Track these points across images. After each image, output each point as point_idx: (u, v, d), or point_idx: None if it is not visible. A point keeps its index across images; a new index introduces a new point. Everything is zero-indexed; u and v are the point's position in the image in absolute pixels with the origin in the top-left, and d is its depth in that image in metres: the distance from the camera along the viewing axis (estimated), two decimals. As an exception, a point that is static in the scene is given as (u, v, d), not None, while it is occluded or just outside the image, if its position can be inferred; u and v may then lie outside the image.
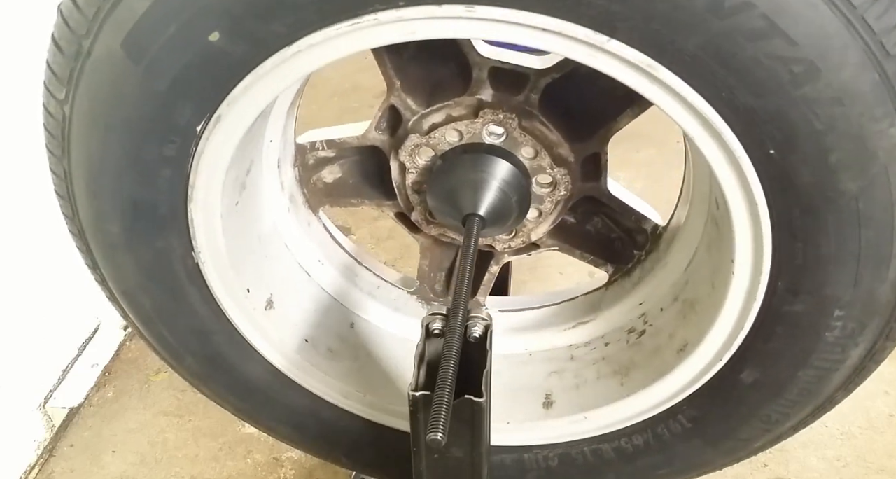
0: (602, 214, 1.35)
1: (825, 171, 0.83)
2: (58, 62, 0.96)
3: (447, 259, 1.45)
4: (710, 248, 1.14)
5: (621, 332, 1.31)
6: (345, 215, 1.76)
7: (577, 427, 1.24)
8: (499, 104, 1.16)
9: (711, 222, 1.12)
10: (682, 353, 1.13)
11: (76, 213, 1.10)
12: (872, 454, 1.90)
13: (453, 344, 0.91)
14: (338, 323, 1.37)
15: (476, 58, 1.14)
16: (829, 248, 0.90)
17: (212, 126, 0.98)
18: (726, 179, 0.91)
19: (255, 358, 1.25)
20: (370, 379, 1.32)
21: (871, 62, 0.77)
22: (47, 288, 2.03)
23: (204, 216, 1.08)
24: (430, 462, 0.94)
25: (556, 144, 1.19)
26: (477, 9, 0.83)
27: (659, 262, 1.28)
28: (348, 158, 1.35)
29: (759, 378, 1.07)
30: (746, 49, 0.77)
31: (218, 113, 0.96)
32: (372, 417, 1.32)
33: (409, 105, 1.21)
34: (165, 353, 1.26)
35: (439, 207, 1.21)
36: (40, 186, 1.21)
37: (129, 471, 2.00)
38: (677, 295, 1.22)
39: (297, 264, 1.35)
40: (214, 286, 1.16)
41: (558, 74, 1.14)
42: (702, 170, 1.13)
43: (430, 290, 1.46)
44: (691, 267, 1.21)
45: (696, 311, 1.14)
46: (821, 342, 1.00)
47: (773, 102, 0.80)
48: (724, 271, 1.03)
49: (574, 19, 0.82)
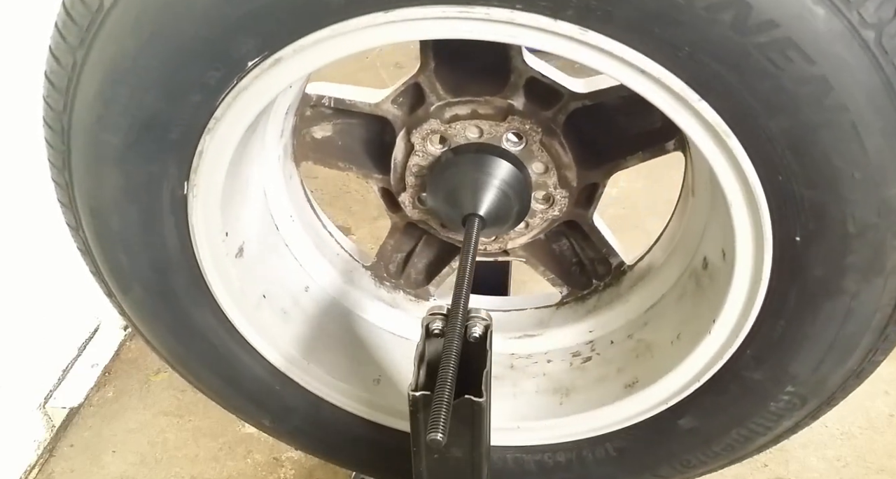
0: (573, 239, 1.40)
1: (837, 269, 0.92)
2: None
3: (410, 245, 1.45)
4: (681, 300, 1.21)
5: (566, 353, 1.36)
6: (345, 215, 1.72)
7: (509, 435, 1.28)
8: (528, 114, 1.17)
9: (692, 278, 1.19)
10: (629, 389, 1.20)
11: (69, 110, 0.99)
12: (872, 454, 1.90)
13: (453, 344, 0.92)
14: (294, 284, 1.33)
15: (519, 64, 1.15)
16: (809, 333, 0.99)
17: (266, 66, 0.91)
18: (743, 253, 0.97)
19: (208, 304, 1.18)
20: (314, 348, 1.29)
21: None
22: (47, 288, 2.02)
23: (215, 150, 1.01)
24: (430, 462, 0.94)
25: (566, 166, 1.22)
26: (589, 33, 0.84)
27: (619, 297, 1.34)
28: (347, 121, 1.31)
29: (695, 427, 1.16)
30: (817, 143, 0.84)
31: (278, 55, 0.90)
32: (307, 384, 1.29)
33: (436, 89, 1.19)
34: (113, 280, 1.16)
35: (441, 198, 1.20)
36: (41, 187, 1.17)
37: (129, 471, 2.00)
38: (632, 333, 1.29)
39: (271, 215, 1.29)
40: (195, 222, 1.08)
41: (590, 102, 1.17)
42: (696, 226, 1.20)
43: (384, 269, 1.45)
44: (653, 311, 1.28)
45: (652, 354, 1.22)
46: (763, 409, 1.10)
47: (822, 195, 0.87)
48: (699, 327, 1.10)
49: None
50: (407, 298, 1.46)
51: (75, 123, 0.99)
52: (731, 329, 1.05)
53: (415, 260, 1.46)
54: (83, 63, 0.94)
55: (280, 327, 1.26)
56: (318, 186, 2.88)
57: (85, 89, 0.96)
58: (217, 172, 1.04)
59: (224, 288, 1.17)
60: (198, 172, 1.03)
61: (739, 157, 0.87)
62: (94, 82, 0.94)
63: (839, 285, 0.94)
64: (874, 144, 0.81)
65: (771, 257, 0.95)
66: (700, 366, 1.11)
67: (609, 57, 0.85)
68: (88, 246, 1.14)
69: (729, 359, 1.08)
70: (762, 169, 0.87)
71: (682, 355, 1.13)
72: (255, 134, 1.11)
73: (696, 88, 0.84)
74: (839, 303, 0.95)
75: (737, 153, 0.87)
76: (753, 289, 0.99)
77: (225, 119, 0.97)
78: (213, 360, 1.25)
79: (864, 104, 0.79)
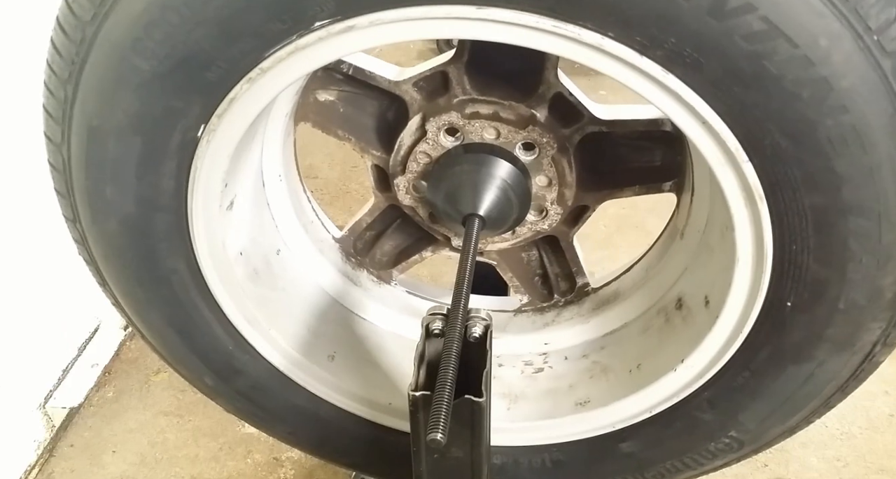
0: (544, 251, 1.43)
1: (815, 338, 1.00)
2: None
3: (383, 225, 1.43)
4: (646, 332, 1.27)
5: (517, 360, 1.39)
6: (345, 216, 1.67)
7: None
8: (547, 128, 1.18)
9: (661, 314, 1.25)
10: (581, 407, 1.25)
11: (98, 22, 0.90)
12: (872, 454, 1.90)
13: (453, 344, 0.92)
14: (269, 245, 1.28)
15: (551, 77, 1.16)
16: (768, 388, 1.07)
17: (333, 30, 0.87)
18: (732, 306, 1.03)
19: (184, 253, 1.12)
20: (277, 315, 1.25)
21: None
22: (47, 288, 2.02)
23: (249, 100, 0.96)
24: (430, 462, 0.94)
25: (567, 184, 1.24)
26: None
27: (579, 317, 1.39)
28: (357, 91, 1.27)
29: (634, 452, 1.23)
30: (842, 226, 0.90)
31: (351, 23, 0.86)
32: (262, 349, 1.25)
33: (464, 82, 1.18)
34: (89, 208, 1.08)
35: (444, 191, 1.19)
36: (40, 187, 1.13)
37: (129, 471, 1.99)
38: (587, 354, 1.34)
39: (262, 172, 1.24)
40: (198, 167, 1.02)
41: (606, 129, 1.20)
42: (676, 266, 1.26)
43: (352, 245, 1.43)
44: (613, 337, 1.33)
45: (608, 378, 1.27)
46: (702, 447, 1.18)
47: (828, 272, 0.94)
48: (662, 364, 1.16)
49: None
50: (370, 277, 1.44)
51: (103, 39, 0.91)
52: (696, 372, 1.11)
53: (383, 241, 1.45)
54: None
55: (249, 287, 1.21)
56: (319, 187, 2.88)
57: (128, 6, 0.88)
58: (241, 121, 0.98)
59: (206, 238, 1.11)
60: (222, 117, 0.97)
61: (763, 221, 0.92)
62: (142, 1, 0.87)
63: (811, 352, 1.02)
64: (891, 236, 0.88)
65: (757, 315, 1.02)
66: (656, 399, 1.17)
67: (677, 101, 0.87)
68: (69, 166, 1.05)
69: (685, 397, 1.15)
70: (780, 236, 0.93)
71: (639, 386, 1.19)
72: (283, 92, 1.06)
73: (748, 148, 0.88)
74: (805, 368, 1.04)
75: (762, 217, 0.92)
76: (731, 340, 1.06)
77: (270, 72, 0.92)
78: (171, 309, 1.19)
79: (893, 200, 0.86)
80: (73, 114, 0.99)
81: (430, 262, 1.46)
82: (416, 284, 1.49)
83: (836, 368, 1.03)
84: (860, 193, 0.86)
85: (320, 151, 3.02)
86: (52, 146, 1.07)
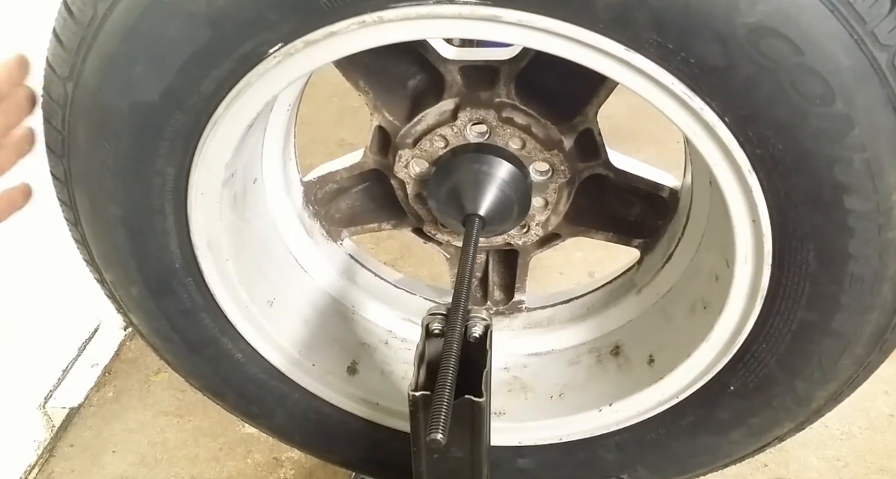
0: (494, 259, 1.43)
1: (737, 423, 1.10)
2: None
3: (353, 184, 1.38)
4: (574, 366, 1.29)
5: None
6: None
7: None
8: (570, 158, 1.17)
9: (592, 353, 1.28)
10: (495, 416, 1.24)
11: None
12: (872, 454, 1.90)
13: (453, 344, 0.91)
14: (253, 171, 1.23)
15: (591, 113, 1.14)
16: (674, 449, 1.15)
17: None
18: (681, 374, 1.09)
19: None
20: (236, 245, 1.18)
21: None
22: (47, 288, 2.02)
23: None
24: (430, 462, 0.93)
25: (558, 213, 1.24)
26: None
27: (509, 330, 1.39)
28: (396, 51, 1.16)
29: (529, 469, 1.26)
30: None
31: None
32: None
33: (510, 87, 1.13)
34: (80, 161, 1.05)
35: (450, 180, 1.17)
36: (41, 188, 1.10)
37: (129, 471, 1.98)
38: (509, 368, 1.33)
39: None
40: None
41: (612, 176, 1.20)
42: (622, 318, 1.30)
43: (313, 192, 1.37)
44: (537, 359, 1.34)
45: (526, 397, 1.28)
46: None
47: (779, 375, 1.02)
48: (588, 401, 1.20)
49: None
50: (321, 230, 1.39)
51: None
52: (621, 417, 1.17)
53: (343, 197, 1.39)
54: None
55: (227, 213, 1.14)
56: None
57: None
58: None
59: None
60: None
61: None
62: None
63: (727, 432, 1.12)
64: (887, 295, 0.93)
65: (698, 389, 1.09)
66: (570, 430, 1.21)
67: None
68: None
69: (597, 436, 1.19)
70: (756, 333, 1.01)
71: (557, 413, 1.22)
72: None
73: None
74: (714, 441, 1.14)
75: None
76: (665, 401, 1.12)
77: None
78: (147, 262, 1.14)
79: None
80: (90, 54, 0.94)
81: (430, 262, 1.44)
82: (359, 252, 1.45)
83: (740, 449, 1.14)
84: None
85: (321, 150, 2.91)
86: (59, 81, 1.01)
